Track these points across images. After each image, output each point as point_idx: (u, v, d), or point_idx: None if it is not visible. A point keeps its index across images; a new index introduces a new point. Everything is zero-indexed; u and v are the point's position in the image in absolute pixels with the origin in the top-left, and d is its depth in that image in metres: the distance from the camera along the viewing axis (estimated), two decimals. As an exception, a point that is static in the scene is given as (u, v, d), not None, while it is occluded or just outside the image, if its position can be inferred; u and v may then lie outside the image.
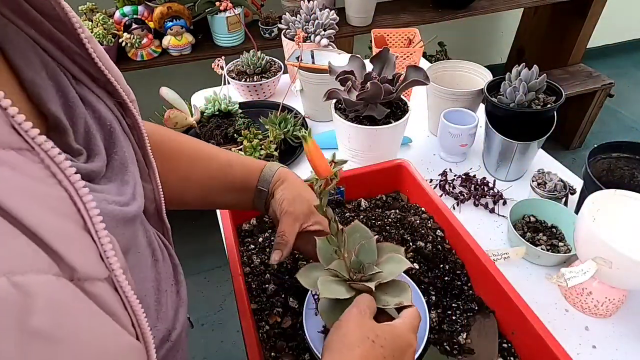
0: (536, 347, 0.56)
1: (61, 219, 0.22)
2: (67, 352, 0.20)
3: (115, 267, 0.25)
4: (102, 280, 0.24)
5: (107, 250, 0.24)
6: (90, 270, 0.23)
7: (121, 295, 0.26)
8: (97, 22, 1.50)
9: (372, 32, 1.19)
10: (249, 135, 0.99)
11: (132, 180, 0.32)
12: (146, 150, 0.38)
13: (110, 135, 0.32)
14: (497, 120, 0.91)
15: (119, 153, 0.32)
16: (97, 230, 0.24)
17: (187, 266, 1.66)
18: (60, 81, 0.28)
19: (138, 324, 0.27)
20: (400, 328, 0.45)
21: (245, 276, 0.70)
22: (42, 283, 0.19)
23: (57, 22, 0.29)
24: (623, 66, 3.14)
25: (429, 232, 0.75)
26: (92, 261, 0.23)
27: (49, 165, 0.23)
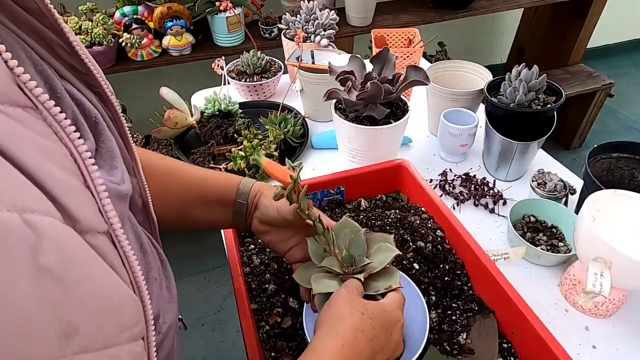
0: (536, 347, 0.56)
1: (64, 172, 0.23)
2: (74, 294, 0.21)
3: (114, 222, 0.26)
4: (101, 234, 0.25)
5: (105, 205, 0.26)
6: (91, 222, 0.24)
7: (119, 250, 0.27)
8: (97, 22, 1.50)
9: (372, 32, 1.19)
10: (249, 135, 0.99)
11: (120, 166, 0.33)
12: (129, 143, 0.39)
13: (96, 126, 0.33)
14: (497, 120, 0.91)
15: (105, 142, 0.33)
16: (95, 185, 0.25)
17: (187, 266, 1.66)
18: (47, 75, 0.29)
19: (135, 281, 0.28)
20: (388, 304, 0.48)
21: (245, 276, 0.70)
22: (50, 224, 0.20)
23: (38, 15, 0.29)
24: (623, 66, 3.14)
25: (429, 232, 0.75)
26: (93, 214, 0.25)
27: (52, 124, 0.24)
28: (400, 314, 0.49)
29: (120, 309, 0.25)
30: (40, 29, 0.30)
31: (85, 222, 0.23)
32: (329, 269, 0.52)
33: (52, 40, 0.30)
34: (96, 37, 1.48)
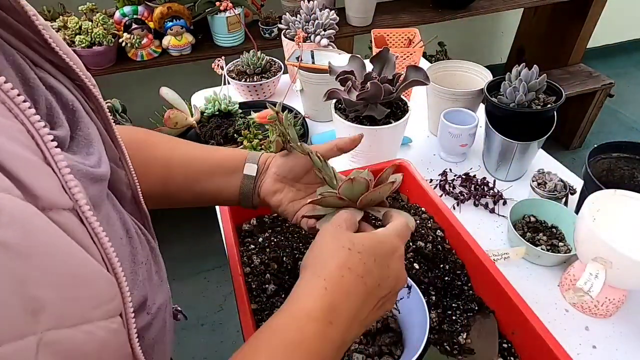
0: (536, 347, 0.56)
1: (21, 149, 0.23)
2: (37, 268, 0.20)
3: (79, 198, 0.25)
4: (67, 211, 0.24)
5: (68, 181, 0.25)
6: (54, 198, 0.23)
7: (87, 227, 0.26)
8: (97, 22, 1.50)
9: (372, 32, 1.19)
10: (249, 135, 0.99)
11: (97, 153, 0.32)
12: (114, 135, 0.38)
13: (73, 114, 0.32)
14: (497, 120, 0.91)
15: (83, 130, 0.32)
16: (56, 162, 0.24)
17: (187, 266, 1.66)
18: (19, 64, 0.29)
19: (107, 258, 0.27)
20: (383, 233, 0.43)
21: (245, 276, 0.70)
22: (6, 200, 0.20)
23: (10, 11, 0.29)
24: (623, 66, 3.14)
25: (429, 232, 0.75)
26: (55, 191, 0.24)
27: (4, 100, 0.23)
28: (398, 242, 0.43)
29: (91, 283, 0.24)
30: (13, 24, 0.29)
31: (46, 198, 0.23)
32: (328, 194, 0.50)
33: (26, 35, 0.30)
34: (96, 37, 1.48)
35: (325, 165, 0.53)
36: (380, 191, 0.50)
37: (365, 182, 0.50)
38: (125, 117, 1.40)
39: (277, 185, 0.56)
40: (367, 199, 0.50)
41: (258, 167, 0.57)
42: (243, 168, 0.57)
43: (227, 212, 0.74)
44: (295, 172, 0.56)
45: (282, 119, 0.52)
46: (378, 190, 0.50)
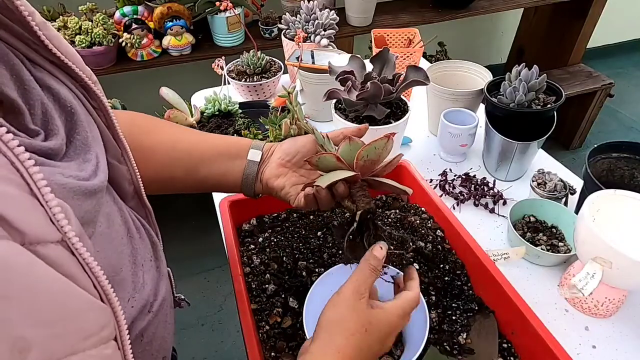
0: (536, 347, 0.56)
1: (4, 184, 0.22)
2: (22, 309, 0.20)
3: (68, 230, 0.25)
4: (55, 243, 0.24)
5: (56, 214, 0.24)
6: (40, 233, 0.23)
7: (78, 258, 0.26)
8: (97, 22, 1.50)
9: (372, 32, 1.19)
10: (249, 136, 0.99)
11: (94, 159, 0.32)
12: (116, 132, 0.38)
13: (72, 116, 0.32)
14: (497, 120, 0.91)
15: (81, 133, 0.32)
16: (43, 194, 0.24)
17: (187, 266, 1.66)
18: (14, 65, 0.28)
19: (100, 286, 0.27)
20: (392, 313, 0.46)
21: (245, 276, 0.70)
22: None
23: (4, 10, 0.29)
24: (623, 66, 3.14)
25: (429, 232, 0.75)
26: (42, 224, 0.24)
27: None
28: (400, 323, 0.47)
29: (81, 316, 0.24)
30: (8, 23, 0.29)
31: (33, 233, 0.22)
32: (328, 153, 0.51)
33: (21, 34, 0.30)
34: (96, 37, 1.48)
35: (328, 142, 0.54)
36: (375, 145, 0.50)
37: (361, 143, 0.50)
38: (125, 117, 1.40)
39: (281, 169, 0.57)
40: (364, 156, 0.50)
41: (262, 154, 0.58)
42: (247, 154, 0.58)
43: (227, 212, 0.74)
44: (299, 156, 0.57)
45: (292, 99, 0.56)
46: (373, 145, 0.49)
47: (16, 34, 0.30)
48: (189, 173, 0.57)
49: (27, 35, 0.31)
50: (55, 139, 0.29)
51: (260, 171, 0.58)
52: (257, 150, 0.58)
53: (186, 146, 0.56)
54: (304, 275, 0.69)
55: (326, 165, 0.52)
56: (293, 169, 0.57)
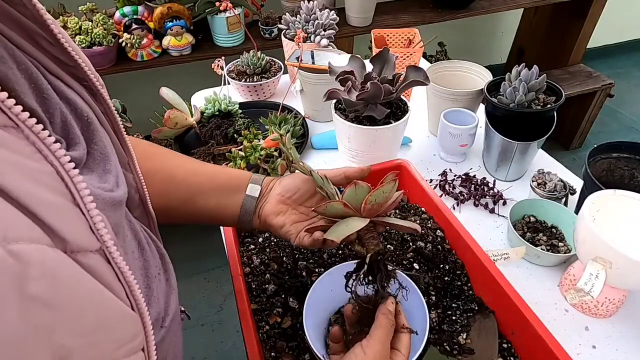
0: (536, 347, 0.56)
1: (50, 193, 0.23)
2: (65, 318, 0.21)
3: (107, 239, 0.25)
4: (94, 252, 0.24)
5: (97, 223, 0.25)
6: (82, 241, 0.23)
7: (113, 266, 0.26)
8: (97, 22, 1.50)
9: (372, 33, 1.19)
10: (249, 136, 0.99)
11: (114, 169, 0.32)
12: (122, 137, 0.38)
13: (88, 126, 0.32)
14: (497, 121, 0.91)
15: (98, 143, 0.32)
16: (85, 204, 0.24)
17: (187, 266, 1.66)
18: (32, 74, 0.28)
19: (132, 295, 0.27)
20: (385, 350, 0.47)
21: (245, 276, 0.70)
22: (36, 251, 0.20)
23: (18, 5, 0.28)
24: (623, 66, 3.14)
25: (429, 233, 0.75)
26: (83, 233, 0.24)
27: (35, 142, 0.23)
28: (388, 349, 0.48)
29: (116, 326, 0.25)
30: (21, 20, 0.29)
31: (75, 242, 0.23)
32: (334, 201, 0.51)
33: (34, 32, 0.30)
34: (96, 37, 1.48)
35: (327, 183, 0.54)
36: (383, 189, 0.50)
37: (368, 187, 0.50)
38: (125, 117, 1.40)
39: (281, 206, 0.56)
40: (372, 201, 0.50)
41: (261, 189, 0.57)
42: (246, 188, 0.57)
43: (227, 212, 0.74)
44: (300, 193, 0.56)
45: (285, 141, 0.53)
46: (381, 189, 0.49)
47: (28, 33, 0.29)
48: (186, 204, 0.56)
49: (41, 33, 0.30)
50: (77, 148, 0.29)
51: (258, 207, 0.57)
52: (256, 185, 0.57)
53: (184, 176, 0.55)
54: (304, 275, 0.69)
55: (333, 213, 0.52)
56: (293, 206, 0.57)
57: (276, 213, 0.56)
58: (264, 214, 0.57)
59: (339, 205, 0.50)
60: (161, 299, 0.36)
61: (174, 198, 0.55)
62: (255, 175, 0.58)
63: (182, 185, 0.55)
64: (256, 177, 0.58)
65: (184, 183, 0.55)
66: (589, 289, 0.62)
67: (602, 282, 0.61)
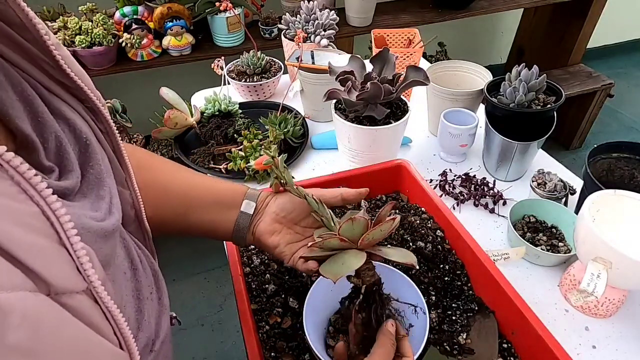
0: (536, 347, 0.56)
1: (34, 235, 0.22)
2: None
3: (94, 279, 0.25)
4: (80, 293, 0.24)
5: (84, 263, 0.24)
6: (67, 283, 0.23)
7: (101, 305, 0.26)
8: (97, 23, 1.50)
9: (372, 33, 1.19)
10: (249, 136, 0.99)
11: (108, 195, 0.32)
12: (122, 156, 0.38)
13: (86, 149, 0.31)
14: (497, 121, 0.91)
15: (94, 167, 0.31)
16: (72, 244, 0.24)
17: (187, 266, 1.66)
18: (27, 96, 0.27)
19: (120, 333, 0.27)
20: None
21: (245, 276, 0.70)
22: (17, 299, 0.19)
23: (21, 29, 0.28)
24: (623, 66, 3.14)
25: (429, 233, 0.75)
26: (69, 274, 0.23)
27: (19, 182, 0.22)
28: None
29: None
30: (22, 43, 0.28)
31: (60, 284, 0.22)
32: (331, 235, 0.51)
33: (35, 55, 0.29)
34: (96, 38, 1.48)
35: (322, 208, 0.53)
36: (381, 228, 0.50)
37: (365, 221, 0.50)
38: (125, 118, 1.40)
39: (275, 225, 0.56)
40: (369, 239, 0.50)
41: (256, 205, 0.56)
42: (241, 204, 0.56)
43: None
44: (295, 214, 0.55)
45: (277, 164, 0.52)
46: (379, 228, 0.50)
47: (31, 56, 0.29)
48: (179, 218, 0.55)
49: (42, 57, 0.30)
50: (70, 176, 0.29)
51: (253, 224, 0.56)
52: (251, 201, 0.56)
53: (178, 190, 0.54)
54: (304, 275, 0.69)
55: (330, 247, 0.52)
56: (288, 225, 0.56)
57: (270, 232, 0.56)
58: (258, 232, 0.56)
59: (336, 240, 0.50)
60: (152, 321, 0.36)
61: (168, 212, 0.54)
62: (250, 191, 0.58)
63: (176, 199, 0.54)
64: (251, 192, 0.57)
65: (177, 197, 0.54)
66: (592, 289, 0.62)
67: (605, 281, 0.61)
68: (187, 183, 0.56)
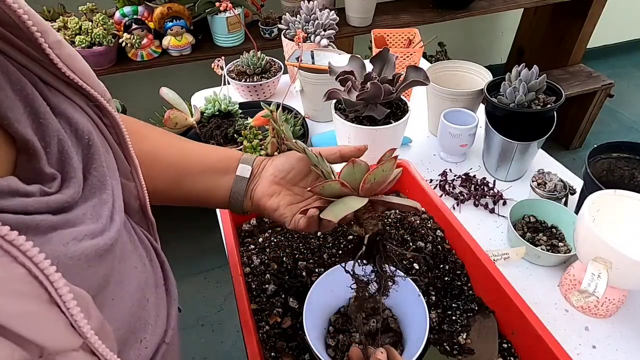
0: (536, 347, 0.56)
1: (21, 300, 0.21)
2: None
3: (89, 334, 0.24)
4: (76, 350, 0.23)
5: (78, 320, 0.23)
6: (60, 344, 0.22)
7: (98, 356, 0.25)
8: (97, 23, 1.50)
9: (372, 33, 1.19)
10: (249, 136, 0.99)
11: (110, 199, 0.31)
12: (127, 149, 0.37)
13: (89, 149, 0.30)
14: (497, 121, 0.91)
15: (98, 169, 0.31)
16: (65, 302, 0.23)
17: (187, 266, 1.65)
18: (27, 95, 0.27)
19: None
20: None
21: (245, 276, 0.70)
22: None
23: (14, 29, 0.27)
24: (623, 66, 3.14)
25: (429, 233, 0.75)
26: (63, 334, 0.23)
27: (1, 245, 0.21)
28: None
29: None
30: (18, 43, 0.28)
31: (52, 346, 0.21)
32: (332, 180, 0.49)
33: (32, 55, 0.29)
34: (96, 38, 1.48)
35: (322, 161, 0.51)
36: (383, 168, 0.47)
37: (366, 165, 0.48)
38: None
39: (274, 187, 0.53)
40: (371, 180, 0.48)
41: (252, 169, 0.54)
42: (236, 169, 0.54)
43: (227, 212, 0.74)
44: (294, 173, 0.53)
45: (276, 118, 0.50)
46: (380, 167, 0.47)
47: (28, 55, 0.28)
48: (173, 187, 0.53)
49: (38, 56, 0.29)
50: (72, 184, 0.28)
51: (250, 188, 0.54)
52: (247, 165, 0.54)
53: (170, 159, 0.52)
54: (304, 275, 0.69)
55: (330, 193, 0.49)
56: (287, 187, 0.54)
57: (269, 195, 0.53)
58: (256, 196, 0.54)
59: (336, 184, 0.48)
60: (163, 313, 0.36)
61: (161, 181, 0.52)
62: (246, 155, 0.55)
63: (169, 168, 0.52)
64: (247, 156, 0.55)
65: (170, 166, 0.52)
66: (593, 289, 0.62)
67: (605, 281, 0.61)
68: (179, 151, 0.53)
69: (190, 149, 0.54)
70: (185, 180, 0.53)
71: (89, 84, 0.32)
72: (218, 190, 0.54)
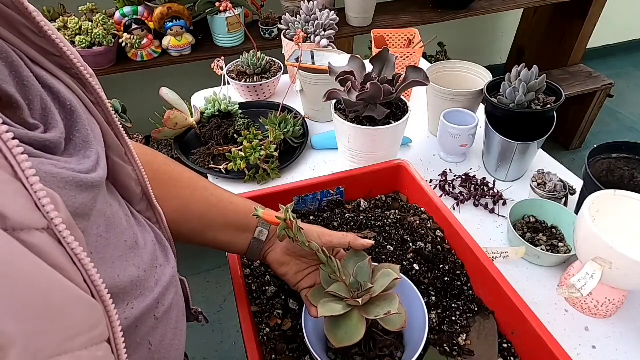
0: (536, 347, 0.56)
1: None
2: (1, 299, 0.19)
3: (54, 216, 0.24)
4: (40, 231, 0.23)
5: (43, 201, 0.23)
6: (24, 218, 0.22)
7: (66, 247, 0.24)
8: (97, 23, 1.50)
9: (372, 33, 1.19)
10: (249, 136, 0.99)
11: (94, 156, 0.32)
12: (117, 129, 0.37)
13: (72, 114, 0.31)
14: (497, 121, 0.91)
15: (81, 131, 0.31)
16: (31, 183, 0.23)
17: (187, 266, 1.65)
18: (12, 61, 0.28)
19: (91, 281, 0.25)
20: None
21: (245, 278, 0.70)
22: None
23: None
24: (623, 66, 3.14)
25: (428, 233, 0.75)
26: (26, 210, 0.22)
27: None
28: None
29: (68, 312, 0.22)
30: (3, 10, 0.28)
31: (16, 218, 0.21)
32: (336, 293, 0.55)
33: (17, 21, 0.29)
34: (96, 38, 1.48)
35: (331, 261, 0.56)
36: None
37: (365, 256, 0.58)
38: (125, 118, 1.40)
39: (286, 258, 0.60)
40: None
41: (268, 234, 0.60)
42: (254, 230, 0.60)
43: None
44: (305, 252, 0.59)
45: (291, 226, 0.53)
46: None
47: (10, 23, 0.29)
48: (196, 235, 0.58)
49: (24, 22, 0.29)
50: (54, 131, 0.29)
51: (265, 250, 0.61)
52: (264, 229, 0.60)
53: (197, 209, 0.57)
54: (304, 275, 0.69)
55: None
56: (297, 257, 0.61)
57: (280, 263, 0.61)
58: (269, 259, 0.61)
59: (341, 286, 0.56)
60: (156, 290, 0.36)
61: (186, 228, 0.56)
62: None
63: (194, 218, 0.57)
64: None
65: (195, 216, 0.57)
66: (581, 286, 0.63)
67: (595, 283, 0.62)
68: (205, 202, 0.58)
69: (215, 203, 0.59)
70: (208, 231, 0.58)
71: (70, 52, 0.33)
72: (236, 245, 0.60)
